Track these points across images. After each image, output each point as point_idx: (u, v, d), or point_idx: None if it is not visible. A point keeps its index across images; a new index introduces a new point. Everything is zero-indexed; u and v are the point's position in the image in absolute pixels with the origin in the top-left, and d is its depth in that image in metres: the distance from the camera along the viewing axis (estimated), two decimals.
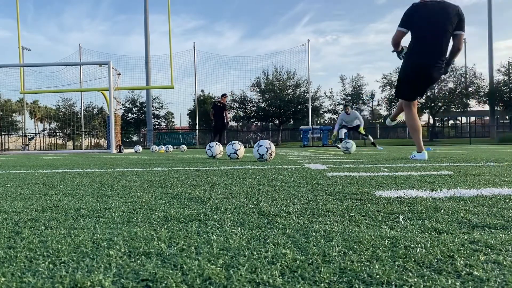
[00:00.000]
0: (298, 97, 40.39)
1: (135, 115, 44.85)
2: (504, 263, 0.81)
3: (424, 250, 0.90)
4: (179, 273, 0.77)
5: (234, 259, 0.86)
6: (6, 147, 37.05)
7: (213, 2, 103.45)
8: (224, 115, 12.44)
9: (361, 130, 12.40)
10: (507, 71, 38.44)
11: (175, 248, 0.95)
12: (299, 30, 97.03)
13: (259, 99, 42.80)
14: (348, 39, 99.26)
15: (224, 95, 13.02)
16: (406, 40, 4.96)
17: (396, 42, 4.92)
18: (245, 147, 8.41)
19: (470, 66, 39.09)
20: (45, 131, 50.66)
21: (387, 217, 1.30)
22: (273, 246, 0.95)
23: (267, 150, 4.99)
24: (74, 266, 0.82)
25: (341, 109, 45.74)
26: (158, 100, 43.72)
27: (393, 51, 5.07)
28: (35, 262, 0.85)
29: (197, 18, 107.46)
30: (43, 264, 0.83)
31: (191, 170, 3.56)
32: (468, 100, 39.30)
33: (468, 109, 42.03)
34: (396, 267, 0.79)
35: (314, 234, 1.07)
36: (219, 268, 0.79)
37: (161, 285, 0.71)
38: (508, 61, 37.99)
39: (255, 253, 0.90)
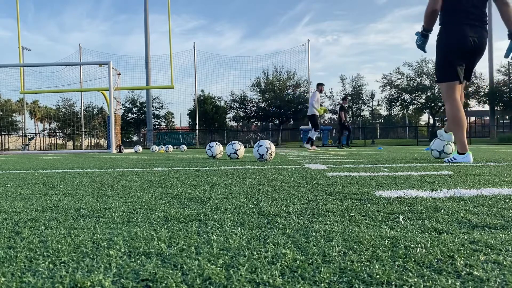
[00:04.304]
0: (298, 97, 40.43)
1: (135, 115, 44.86)
2: (504, 263, 0.81)
3: (424, 250, 0.90)
4: (179, 273, 0.77)
5: (234, 259, 0.86)
6: (6, 147, 37.06)
7: (213, 2, 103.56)
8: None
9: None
10: (507, 71, 38.45)
11: (175, 248, 0.95)
12: (299, 30, 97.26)
13: (259, 99, 42.86)
14: (348, 39, 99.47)
15: (344, 98, 15.99)
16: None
17: (434, 9, 3.88)
18: (245, 147, 8.41)
19: None
20: (45, 131, 50.67)
21: (387, 217, 1.30)
22: (273, 246, 0.95)
23: (267, 150, 4.99)
24: (74, 266, 0.82)
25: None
26: (158, 100, 43.76)
27: (424, 31, 4.07)
28: (35, 262, 0.85)
29: (197, 18, 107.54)
30: (43, 264, 0.83)
31: (191, 170, 3.56)
32: (468, 100, 39.30)
33: (468, 109, 42.04)
34: (396, 267, 0.79)
35: (314, 234, 1.07)
36: (219, 268, 0.79)
37: (161, 285, 0.71)
38: (508, 61, 38.00)
39: (255, 253, 0.90)
